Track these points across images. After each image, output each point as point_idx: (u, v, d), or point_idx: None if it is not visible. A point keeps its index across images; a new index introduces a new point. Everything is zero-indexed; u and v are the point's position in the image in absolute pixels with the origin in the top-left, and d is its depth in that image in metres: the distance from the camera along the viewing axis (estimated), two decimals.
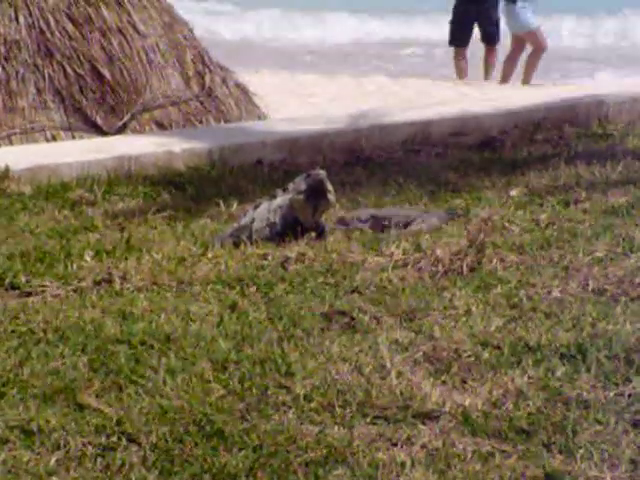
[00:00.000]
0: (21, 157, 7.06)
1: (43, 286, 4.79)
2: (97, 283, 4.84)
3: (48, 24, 8.55)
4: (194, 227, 5.78)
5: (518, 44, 12.89)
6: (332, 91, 13.68)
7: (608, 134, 7.69)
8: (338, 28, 21.45)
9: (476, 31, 13.27)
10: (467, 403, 3.65)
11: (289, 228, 5.47)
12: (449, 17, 13.28)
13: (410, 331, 4.24)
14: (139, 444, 3.43)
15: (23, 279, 4.85)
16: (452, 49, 13.41)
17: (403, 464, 3.32)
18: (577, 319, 4.31)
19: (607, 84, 11.04)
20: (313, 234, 5.46)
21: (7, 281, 4.84)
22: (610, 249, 5.08)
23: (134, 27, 8.89)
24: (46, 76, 8.47)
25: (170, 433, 3.48)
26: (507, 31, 13.27)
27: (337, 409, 3.63)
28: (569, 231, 5.40)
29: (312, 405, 3.66)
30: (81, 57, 8.58)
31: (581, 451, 3.36)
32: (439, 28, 15.00)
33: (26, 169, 6.76)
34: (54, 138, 8.37)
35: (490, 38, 12.95)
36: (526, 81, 12.81)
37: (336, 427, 3.53)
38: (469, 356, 4.00)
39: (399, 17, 22.43)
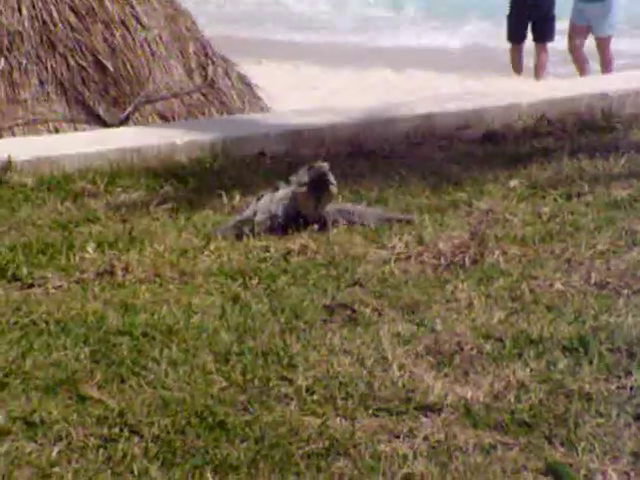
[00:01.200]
0: (23, 149, 7.05)
1: (45, 278, 4.80)
2: (99, 275, 4.84)
3: (51, 15, 8.54)
4: (196, 219, 5.77)
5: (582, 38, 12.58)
6: (335, 83, 13.68)
7: (611, 127, 7.66)
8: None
9: None
10: (469, 396, 3.66)
11: (291, 220, 5.47)
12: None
13: (412, 324, 4.24)
14: (141, 435, 3.44)
15: (25, 271, 4.85)
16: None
17: (405, 456, 3.32)
18: (579, 312, 4.31)
19: (611, 77, 11.00)
20: (315, 226, 5.45)
21: (9, 273, 4.85)
22: (612, 242, 5.08)
23: (137, 19, 8.89)
24: (49, 68, 8.46)
25: (172, 424, 3.48)
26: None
27: (339, 401, 3.64)
28: (571, 224, 5.39)
29: (314, 397, 3.67)
30: (84, 49, 8.57)
31: (583, 443, 3.37)
32: None
33: (28, 161, 6.75)
34: (56, 130, 8.36)
35: (541, 35, 12.68)
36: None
37: (338, 419, 3.53)
38: (471, 349, 4.00)
39: None
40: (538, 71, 12.60)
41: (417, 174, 6.57)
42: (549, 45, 12.71)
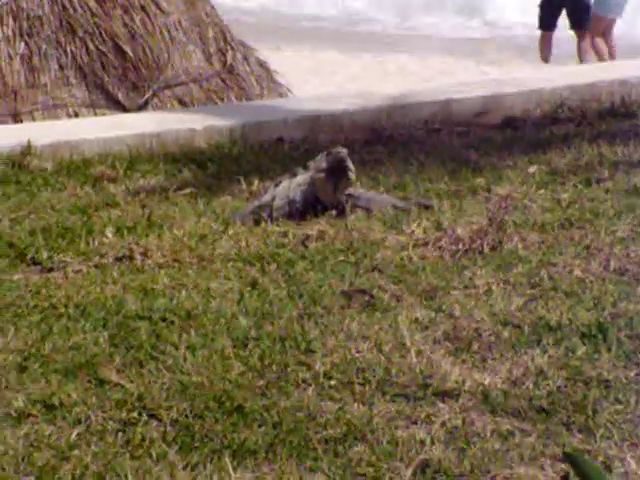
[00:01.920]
0: (43, 133, 7.07)
1: (64, 262, 4.82)
2: (118, 259, 4.86)
3: (70, 0, 8.56)
4: (215, 204, 5.78)
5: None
6: (353, 70, 13.66)
7: (631, 114, 7.62)
8: None
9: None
10: (487, 382, 3.65)
11: (310, 206, 5.47)
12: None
13: (430, 310, 4.24)
14: (159, 419, 3.45)
15: (45, 255, 4.87)
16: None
17: (422, 442, 3.32)
18: (598, 299, 4.30)
19: (630, 64, 10.94)
20: (333, 212, 5.45)
21: (29, 257, 4.87)
22: (632, 229, 5.05)
23: (156, 4, 8.89)
24: (68, 52, 8.48)
25: (190, 409, 3.49)
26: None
27: (357, 387, 3.64)
28: (591, 210, 5.37)
29: (332, 382, 3.67)
30: (103, 34, 8.58)
31: (601, 430, 3.36)
32: None
33: (48, 145, 6.77)
34: (76, 114, 8.39)
35: (578, 23, 12.60)
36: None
37: (356, 405, 3.54)
38: (489, 335, 4.00)
39: None
40: (581, 56, 12.52)
41: (436, 160, 6.56)
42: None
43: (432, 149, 6.89)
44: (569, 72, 9.65)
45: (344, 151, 5.45)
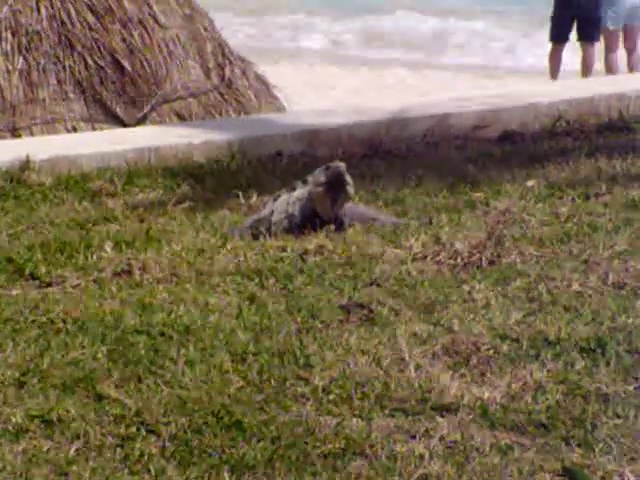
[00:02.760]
0: (41, 148, 7.08)
1: (63, 276, 4.81)
2: (117, 274, 4.85)
3: (69, 15, 8.57)
4: (213, 219, 5.78)
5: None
6: (352, 83, 13.68)
7: (629, 127, 7.64)
8: None
9: None
10: (486, 396, 3.65)
11: (308, 220, 5.47)
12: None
13: (429, 324, 4.24)
14: (158, 435, 3.44)
15: (43, 269, 4.87)
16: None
17: (421, 456, 3.32)
18: (597, 313, 4.30)
19: (628, 78, 10.96)
20: (332, 226, 5.45)
21: (27, 271, 4.86)
22: (630, 243, 5.06)
23: (155, 19, 8.91)
24: (67, 67, 8.49)
25: (189, 424, 3.49)
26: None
27: (355, 401, 3.64)
28: (589, 224, 5.38)
29: (330, 397, 3.67)
30: (102, 48, 8.60)
31: (600, 445, 3.36)
32: None
33: (46, 160, 6.77)
34: (74, 129, 8.40)
35: (588, 35, 12.55)
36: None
37: (354, 419, 3.53)
38: (488, 349, 4.00)
39: None
40: (584, 70, 12.48)
41: (434, 174, 6.57)
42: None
43: (430, 163, 6.90)
44: (567, 86, 9.67)
45: (342, 165, 5.45)
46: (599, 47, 12.52)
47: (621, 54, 12.53)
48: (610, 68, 12.33)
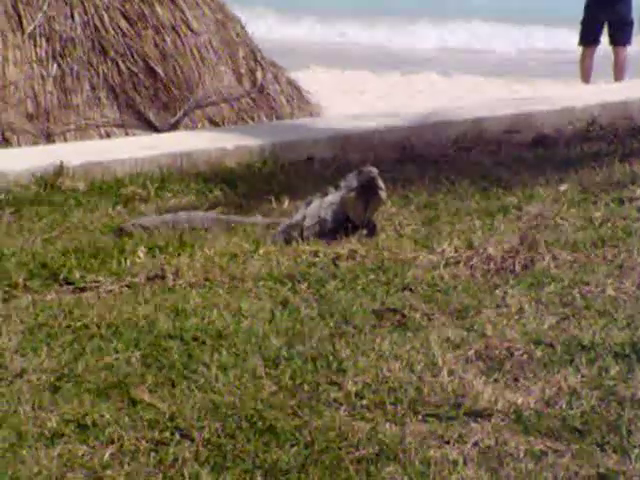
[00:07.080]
0: (75, 154, 7.13)
1: (97, 282, 4.84)
2: (150, 279, 4.87)
3: (102, 21, 8.63)
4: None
5: None
6: (382, 88, 13.65)
7: None
8: None
9: None
10: (519, 402, 3.63)
11: (340, 225, 5.47)
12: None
13: (462, 329, 4.23)
14: (192, 439, 3.45)
15: (77, 275, 4.90)
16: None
17: (455, 462, 3.31)
18: (631, 318, 4.27)
19: None
20: (364, 231, 5.45)
21: (61, 276, 4.89)
22: None
23: (187, 24, 8.95)
24: (100, 73, 8.56)
25: (222, 429, 3.49)
26: None
27: (388, 406, 3.63)
28: (623, 229, 5.34)
29: (363, 402, 3.66)
30: (135, 54, 8.66)
31: (636, 451, 3.33)
32: None
33: (80, 165, 6.82)
34: (108, 135, 8.46)
35: (620, 39, 12.45)
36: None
37: (388, 424, 3.52)
38: (522, 354, 3.98)
39: None
40: (617, 73, 12.39)
41: (466, 178, 6.55)
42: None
43: (463, 167, 6.88)
44: (600, 90, 9.63)
45: (375, 170, 5.45)
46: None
47: None
48: None
